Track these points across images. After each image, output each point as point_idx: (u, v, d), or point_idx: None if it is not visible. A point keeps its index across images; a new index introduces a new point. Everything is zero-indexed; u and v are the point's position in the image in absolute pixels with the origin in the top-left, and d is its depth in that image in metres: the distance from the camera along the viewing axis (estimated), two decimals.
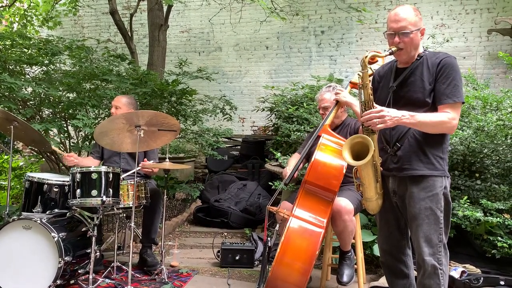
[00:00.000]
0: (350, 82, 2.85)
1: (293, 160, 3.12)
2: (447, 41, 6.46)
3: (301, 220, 2.53)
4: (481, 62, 7.17)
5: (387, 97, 2.20)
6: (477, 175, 3.51)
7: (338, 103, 2.87)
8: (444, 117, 2.04)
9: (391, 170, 2.21)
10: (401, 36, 2.11)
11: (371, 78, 2.34)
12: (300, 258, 2.43)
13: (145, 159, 3.53)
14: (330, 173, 2.58)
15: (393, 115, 2.00)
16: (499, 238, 3.16)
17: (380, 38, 7.49)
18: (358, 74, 2.09)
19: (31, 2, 8.57)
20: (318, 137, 2.76)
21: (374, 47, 7.48)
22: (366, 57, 2.06)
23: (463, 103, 2.13)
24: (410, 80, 2.16)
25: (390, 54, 2.14)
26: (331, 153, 2.62)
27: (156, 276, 3.32)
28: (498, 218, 3.11)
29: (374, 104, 2.05)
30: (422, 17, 2.19)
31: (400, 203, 2.23)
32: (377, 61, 2.39)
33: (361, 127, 2.12)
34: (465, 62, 7.03)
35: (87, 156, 4.26)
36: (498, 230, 3.31)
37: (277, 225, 2.70)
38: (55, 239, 2.79)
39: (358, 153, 2.04)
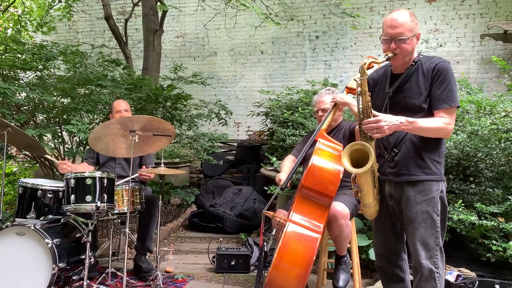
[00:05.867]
0: (346, 87, 2.84)
1: (287, 163, 3.10)
2: (441, 45, 6.50)
3: (298, 225, 2.52)
4: (474, 67, 7.23)
5: (383, 103, 2.20)
6: (471, 179, 3.52)
7: (334, 106, 2.87)
8: (440, 122, 2.05)
9: (388, 175, 2.21)
10: (397, 42, 2.10)
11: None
12: (297, 263, 2.42)
13: (144, 166, 3.51)
14: (327, 178, 2.58)
15: (390, 123, 2.00)
16: (494, 242, 3.17)
17: (374, 43, 7.54)
18: (355, 80, 2.08)
19: (25, 7, 8.54)
20: (315, 141, 2.75)
21: (368, 52, 7.52)
22: (365, 64, 2.04)
23: (458, 107, 2.14)
24: (406, 86, 2.16)
25: (387, 60, 2.12)
26: (328, 158, 2.62)
27: (151, 282, 3.30)
28: (493, 222, 3.12)
29: (373, 111, 2.04)
30: (417, 22, 2.17)
31: (396, 206, 2.23)
32: (373, 66, 2.39)
33: (359, 132, 2.11)
34: (459, 67, 7.08)
35: (82, 162, 4.24)
36: (492, 234, 3.32)
37: (274, 230, 2.69)
38: (49, 245, 2.77)
39: (357, 160, 2.03)
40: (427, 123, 2.05)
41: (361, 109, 2.07)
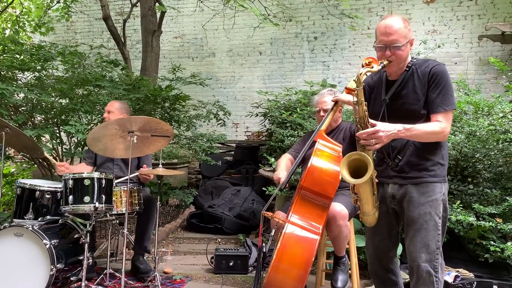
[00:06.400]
0: (346, 88, 2.84)
1: (284, 160, 3.08)
2: (439, 46, 6.52)
3: (297, 227, 2.52)
4: (472, 68, 7.24)
5: (380, 110, 2.18)
6: (469, 179, 3.53)
7: (335, 105, 2.86)
8: (437, 127, 2.04)
9: (392, 178, 2.19)
10: (392, 49, 2.07)
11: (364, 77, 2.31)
12: (296, 264, 2.42)
13: (145, 165, 3.51)
14: (326, 179, 2.57)
15: (388, 132, 1.98)
16: (492, 242, 3.17)
17: (373, 44, 7.52)
18: (354, 81, 2.08)
19: (23, 8, 8.53)
20: (314, 142, 2.75)
21: (367, 53, 7.52)
22: (360, 74, 1.99)
23: (455, 109, 2.13)
24: (403, 92, 2.14)
25: (382, 68, 2.09)
26: (327, 159, 2.61)
27: (150, 283, 3.29)
28: (491, 223, 3.13)
29: (370, 121, 2.01)
30: (411, 28, 2.15)
31: (398, 207, 2.21)
32: (372, 67, 2.39)
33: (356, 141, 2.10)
34: (457, 68, 7.10)
35: (80, 162, 4.24)
36: (490, 235, 3.33)
37: (273, 231, 2.69)
38: (47, 246, 2.77)
39: (356, 169, 2.00)
40: (424, 128, 2.04)
41: (358, 119, 2.04)
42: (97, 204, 2.89)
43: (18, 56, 4.61)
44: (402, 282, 2.36)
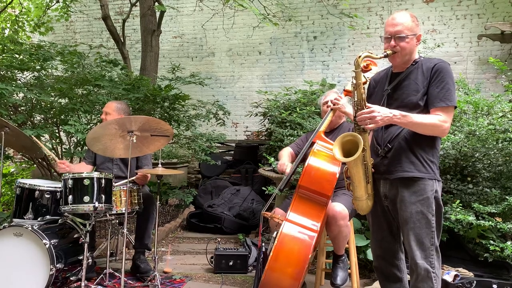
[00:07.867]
0: (344, 90, 2.88)
1: (285, 153, 3.12)
2: (438, 46, 6.52)
3: (294, 224, 2.54)
4: (471, 67, 7.24)
5: (381, 100, 2.22)
6: (469, 179, 3.53)
7: (332, 110, 2.91)
8: (436, 119, 2.07)
9: (382, 173, 2.22)
10: (396, 40, 2.14)
11: (366, 85, 2.36)
12: (292, 262, 2.43)
13: (140, 169, 3.51)
14: (323, 177, 2.60)
15: (383, 114, 2.04)
16: (491, 242, 3.17)
17: (372, 43, 7.54)
18: (352, 76, 2.11)
19: (22, 7, 8.53)
20: (312, 143, 2.78)
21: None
22: (359, 56, 2.08)
23: (456, 107, 2.15)
24: (404, 83, 2.19)
25: (385, 57, 2.17)
26: (324, 159, 2.65)
27: (149, 282, 3.29)
28: (490, 222, 3.13)
29: (367, 104, 2.08)
30: (419, 24, 2.22)
31: (391, 207, 2.24)
32: (370, 69, 2.42)
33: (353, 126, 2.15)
34: (456, 67, 7.09)
35: (80, 161, 4.24)
36: (490, 234, 3.33)
37: (274, 233, 2.70)
38: (47, 246, 2.77)
39: (349, 152, 2.06)
40: (421, 119, 2.07)
41: (355, 102, 2.10)
42: (96, 204, 2.89)
43: (17, 55, 4.60)
44: (407, 279, 2.37)
